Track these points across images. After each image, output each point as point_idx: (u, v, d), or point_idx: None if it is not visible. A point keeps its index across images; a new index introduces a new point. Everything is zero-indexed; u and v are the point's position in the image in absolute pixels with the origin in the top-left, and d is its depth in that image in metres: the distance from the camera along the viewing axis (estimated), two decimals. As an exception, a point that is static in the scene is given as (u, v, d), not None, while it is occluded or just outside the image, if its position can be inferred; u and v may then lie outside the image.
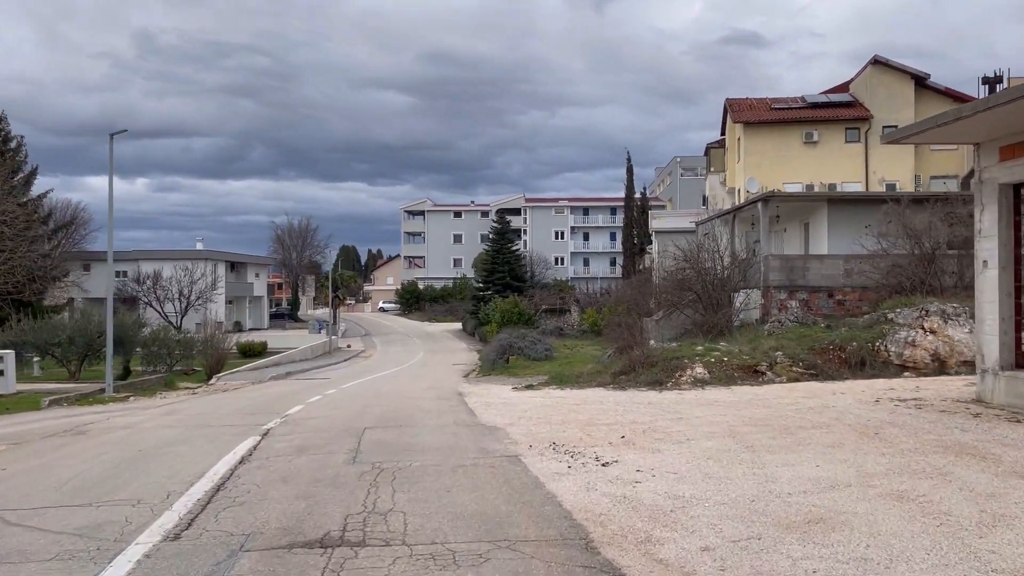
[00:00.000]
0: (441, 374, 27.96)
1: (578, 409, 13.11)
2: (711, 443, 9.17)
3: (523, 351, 25.77)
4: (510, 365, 24.86)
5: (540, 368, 23.80)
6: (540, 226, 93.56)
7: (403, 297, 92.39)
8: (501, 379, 22.46)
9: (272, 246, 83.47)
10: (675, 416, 11.65)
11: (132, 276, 60.29)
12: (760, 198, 24.24)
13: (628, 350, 20.13)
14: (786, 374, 16.77)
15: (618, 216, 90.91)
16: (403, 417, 12.61)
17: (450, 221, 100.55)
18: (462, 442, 9.64)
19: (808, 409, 11.97)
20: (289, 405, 15.41)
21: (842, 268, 22.63)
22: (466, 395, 17.21)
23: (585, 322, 37.46)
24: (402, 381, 23.82)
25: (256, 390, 21.11)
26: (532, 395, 16.73)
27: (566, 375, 20.18)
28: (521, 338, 26.72)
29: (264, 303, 75.08)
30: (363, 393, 18.27)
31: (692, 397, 14.50)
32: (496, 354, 26.15)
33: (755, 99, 44.11)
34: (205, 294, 58.75)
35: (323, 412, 13.84)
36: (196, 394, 20.49)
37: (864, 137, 39.96)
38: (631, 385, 17.06)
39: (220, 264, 65.60)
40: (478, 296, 60.62)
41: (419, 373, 29.17)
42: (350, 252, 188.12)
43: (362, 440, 9.99)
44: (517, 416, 12.42)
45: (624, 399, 14.63)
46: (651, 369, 17.52)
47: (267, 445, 9.84)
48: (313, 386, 22.19)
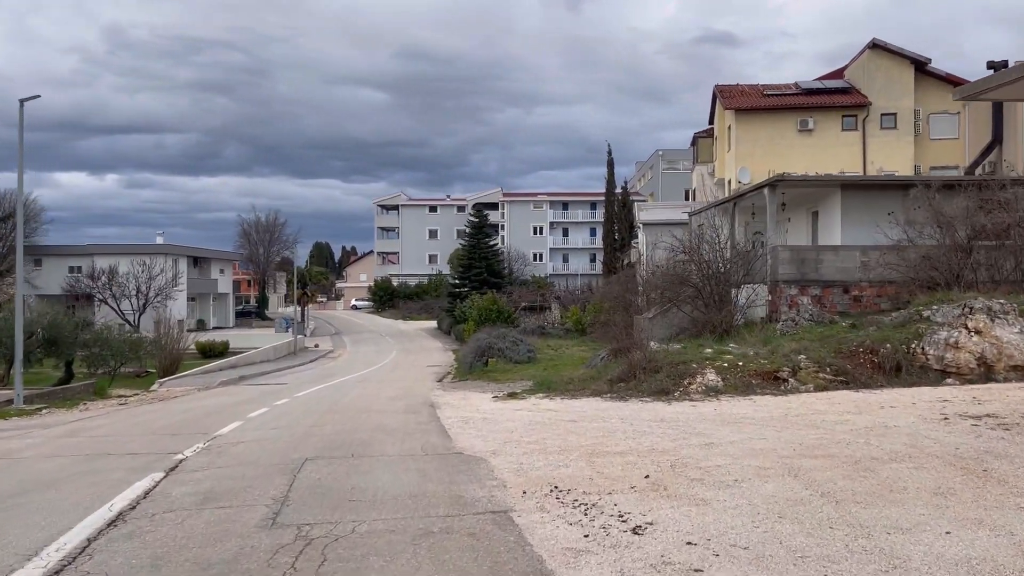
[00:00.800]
0: (413, 378, 25.37)
1: (577, 428, 10.62)
2: (770, 487, 6.72)
3: (503, 352, 23.27)
4: (489, 368, 22.34)
5: (523, 372, 21.31)
6: (518, 221, 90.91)
7: (376, 294, 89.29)
8: (480, 385, 19.93)
9: (239, 241, 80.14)
10: (702, 440, 9.20)
11: (87, 272, 56.82)
12: (767, 183, 21.92)
13: (625, 352, 17.68)
14: (812, 381, 14.40)
15: (598, 211, 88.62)
16: (358, 441, 10.05)
17: (425, 216, 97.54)
18: (430, 486, 7.10)
19: (865, 430, 9.59)
20: (225, 421, 12.77)
21: (859, 260, 20.37)
22: (440, 406, 14.66)
23: (568, 320, 35.03)
24: (368, 387, 21.20)
25: (197, 399, 18.40)
26: (517, 407, 14.22)
27: (554, 381, 17.71)
28: (501, 338, 24.21)
29: (230, 300, 71.75)
30: (318, 404, 15.64)
31: (710, 411, 12.07)
32: (474, 356, 23.62)
33: (746, 85, 41.95)
34: (165, 291, 55.49)
35: (260, 433, 11.22)
36: (126, 404, 17.75)
37: (862, 125, 37.91)
38: (632, 394, 14.62)
39: (181, 259, 62.27)
40: (454, 293, 58.00)
41: (389, 377, 26.54)
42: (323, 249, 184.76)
43: (296, 481, 7.43)
44: (502, 439, 9.91)
45: (629, 413, 12.17)
46: (655, 375, 15.09)
47: (164, 490, 7.23)
48: (265, 394, 19.50)
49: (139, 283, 54.41)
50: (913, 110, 37.57)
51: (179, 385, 23.47)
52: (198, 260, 66.53)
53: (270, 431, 11.38)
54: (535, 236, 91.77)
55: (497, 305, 34.84)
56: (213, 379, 25.01)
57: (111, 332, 29.44)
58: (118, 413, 15.41)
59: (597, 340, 30.30)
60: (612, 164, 72.46)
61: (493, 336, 24.44)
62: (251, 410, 14.72)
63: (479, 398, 16.41)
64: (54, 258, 59.63)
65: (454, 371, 27.59)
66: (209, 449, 9.75)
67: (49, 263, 59.65)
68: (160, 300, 55.00)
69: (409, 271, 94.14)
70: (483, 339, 24.13)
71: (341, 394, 18.25)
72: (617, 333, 23.07)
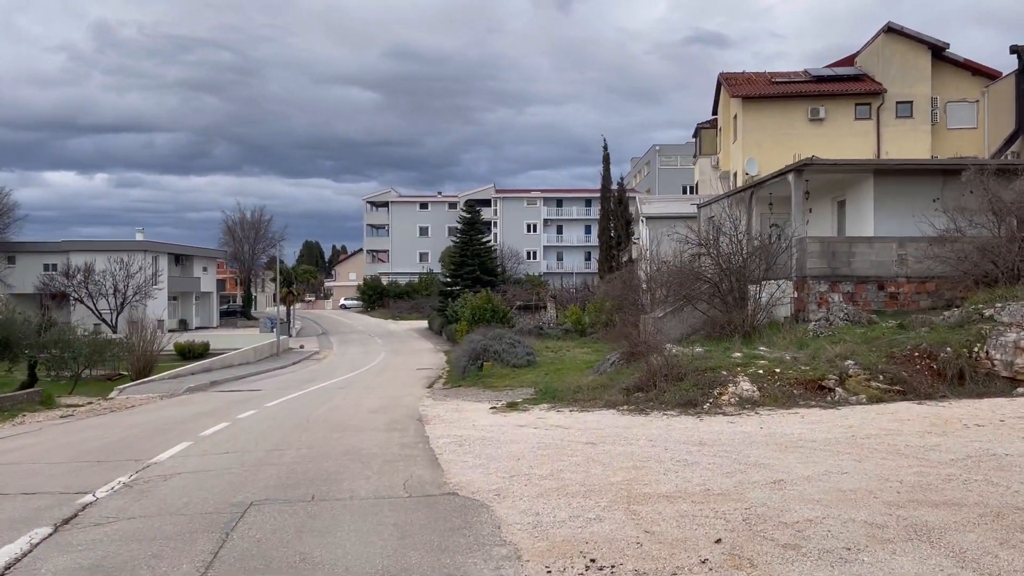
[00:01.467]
0: (401, 383, 23.23)
1: (599, 455, 8.54)
2: (905, 562, 4.64)
3: (500, 355, 21.14)
4: (485, 373, 20.22)
5: (523, 377, 19.20)
6: (511, 219, 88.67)
7: (365, 293, 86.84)
8: (475, 393, 17.80)
9: (223, 238, 77.40)
10: (767, 476, 7.13)
11: (62, 269, 54.34)
12: (793, 168, 19.87)
13: (640, 357, 15.59)
14: (864, 391, 12.35)
15: (593, 208, 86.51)
16: (324, 473, 7.94)
17: (416, 213, 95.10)
18: (413, 557, 4.99)
19: (971, 461, 7.54)
20: (171, 442, 10.61)
21: (895, 254, 18.34)
22: (429, 420, 12.56)
23: (567, 320, 32.95)
24: (350, 395, 19.06)
25: (153, 410, 16.20)
26: (520, 421, 12.13)
27: (559, 389, 15.62)
28: (497, 339, 22.07)
29: (213, 299, 69.23)
30: (288, 418, 13.49)
31: (755, 430, 10.00)
32: (468, 359, 21.48)
33: (753, 73, 39.93)
34: (143, 289, 53.06)
35: (205, 460, 9.07)
36: (71, 416, 15.53)
37: (876, 113, 35.94)
38: (654, 407, 12.55)
39: (162, 256, 59.79)
40: (446, 292, 55.76)
41: (375, 382, 24.39)
42: (313, 248, 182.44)
43: (227, 544, 5.31)
44: (507, 469, 7.83)
45: (658, 433, 10.08)
46: (678, 384, 13.01)
47: (32, 565, 5.08)
48: (232, 403, 17.31)
49: (116, 281, 51.94)
50: (930, 98, 35.64)
51: (142, 392, 21.23)
52: (180, 258, 64.03)
53: (218, 457, 9.22)
54: (529, 234, 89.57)
55: (492, 304, 32.73)
56: (181, 385, 22.78)
57: (73, 333, 27.17)
58: (53, 429, 13.22)
59: (600, 341, 28.24)
60: (608, 159, 69.97)
61: (488, 337, 22.30)
62: (208, 425, 12.55)
63: (475, 410, 14.29)
64: (28, 255, 57.07)
65: (446, 375, 25.45)
66: (132, 486, 7.60)
67: (23, 260, 57.11)
68: (138, 299, 52.57)
69: (399, 269, 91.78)
70: (477, 341, 22.00)
71: (317, 404, 16.10)
72: (626, 334, 20.99)
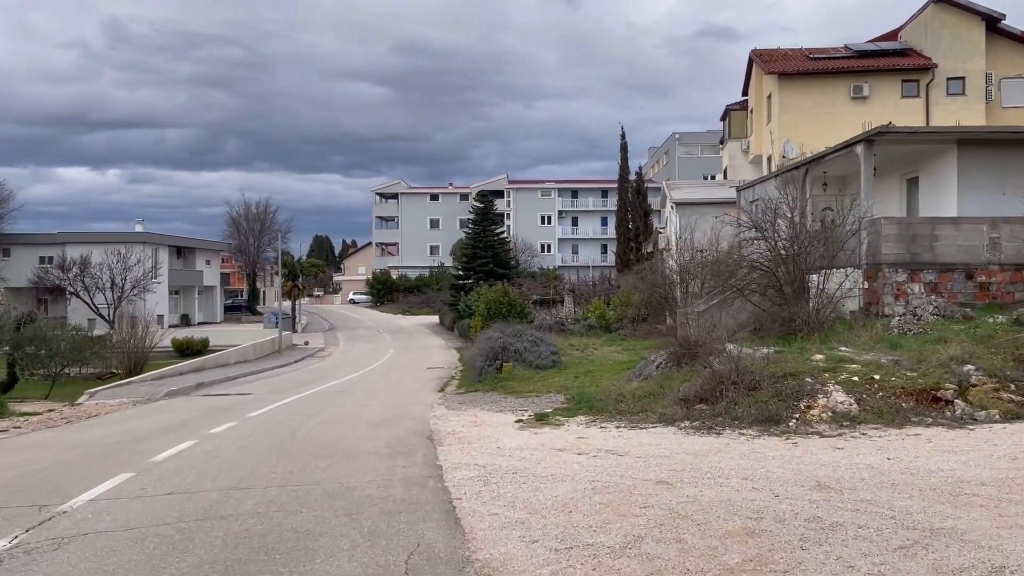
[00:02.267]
0: (409, 386, 20.75)
1: (680, 502, 6.03)
2: None
3: (521, 355, 18.57)
4: (505, 375, 17.66)
5: (549, 380, 16.65)
6: (524, 210, 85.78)
7: (374, 287, 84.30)
8: (495, 399, 15.26)
9: (227, 231, 74.88)
10: (971, 558, 4.59)
11: (57, 262, 52.12)
12: (862, 138, 17.18)
13: (693, 359, 13.01)
14: (994, 405, 9.75)
15: (610, 199, 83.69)
16: (292, 535, 5.45)
17: (426, 205, 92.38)
18: None
19: None
20: (106, 473, 8.15)
21: (986, 237, 15.70)
22: (442, 439, 10.05)
23: (590, 315, 30.36)
24: (350, 401, 16.58)
25: (115, 422, 13.66)
26: (557, 441, 9.61)
27: (596, 397, 13.09)
28: (517, 337, 19.50)
29: (217, 294, 66.82)
30: (268, 435, 10.99)
31: (880, 462, 7.45)
32: (485, 359, 18.92)
33: (788, 49, 37.17)
34: (142, 283, 50.73)
35: (130, 512, 6.58)
36: (17, 430, 13.05)
37: (925, 91, 33.13)
38: (724, 423, 10.01)
39: (162, 249, 57.37)
40: (458, 285, 53.20)
41: (380, 384, 21.91)
42: (323, 242, 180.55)
43: None
44: (560, 534, 5.35)
45: (750, 465, 7.52)
46: (752, 395, 10.42)
47: None
48: (212, 412, 14.83)
49: (113, 274, 49.63)
50: (984, 73, 32.77)
51: (115, 396, 18.74)
52: (181, 250, 61.60)
53: (154, 504, 6.72)
54: (543, 226, 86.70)
55: (508, 297, 30.15)
56: (162, 388, 20.32)
57: (51, 329, 24.83)
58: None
59: (629, 338, 25.68)
60: (625, 148, 67.18)
61: (507, 334, 19.73)
62: (168, 445, 10.06)
63: (497, 423, 11.76)
64: (24, 247, 54.83)
65: (459, 376, 22.92)
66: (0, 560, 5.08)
67: (18, 253, 54.89)
68: (136, 293, 50.26)
69: (409, 263, 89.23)
70: (496, 338, 19.43)
71: (309, 414, 13.60)
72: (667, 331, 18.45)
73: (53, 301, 54.71)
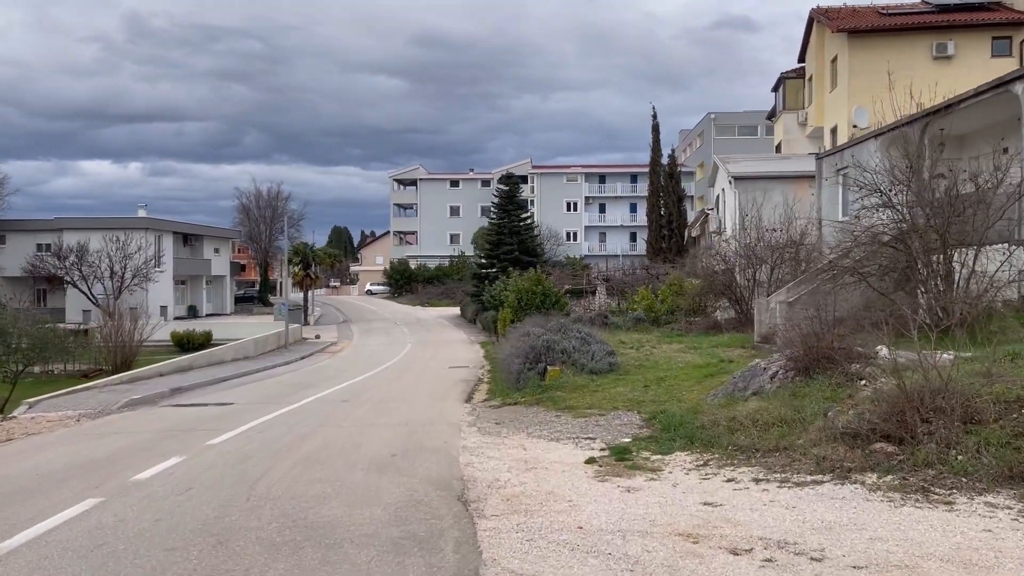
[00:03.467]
0: (428, 392, 17.05)
1: None
2: None
3: (570, 356, 14.74)
4: (551, 383, 13.85)
5: (609, 391, 12.84)
6: (549, 196, 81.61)
7: (392, 278, 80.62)
8: (543, 417, 11.47)
9: (237, 217, 71.47)
10: None
11: (56, 249, 48.92)
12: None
13: (828, 367, 9.14)
14: None
15: (640, 184, 79.53)
16: None
17: (446, 191, 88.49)
18: None
19: None
20: None
21: None
22: (484, 505, 6.30)
23: (635, 306, 26.45)
24: (353, 417, 12.90)
25: (20, 453, 9.92)
26: (671, 510, 5.80)
27: (689, 421, 9.30)
28: (562, 332, 15.68)
29: (227, 284, 63.45)
30: (219, 486, 7.28)
31: None
32: (523, 360, 15.07)
33: (854, 6, 32.95)
34: (143, 271, 47.40)
35: None
36: None
37: (1019, 49, 28.85)
38: (941, 479, 6.13)
39: (166, 235, 53.99)
40: (480, 275, 49.45)
41: (393, 389, 18.23)
42: (342, 233, 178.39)
43: None
44: None
45: None
46: (977, 430, 6.53)
47: None
48: (167, 435, 11.16)
49: (112, 262, 46.33)
50: None
51: (60, 408, 14.99)
52: (188, 237, 58.24)
53: None
54: (569, 213, 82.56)
55: (542, 286, 26.32)
56: (127, 394, 16.69)
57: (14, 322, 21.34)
58: None
59: (688, 333, 21.79)
60: (657, 129, 63.19)
61: (550, 330, 15.91)
62: (43, 511, 6.34)
63: (559, 464, 7.98)
64: (19, 234, 51.70)
65: (489, 379, 19.17)
66: None
67: (14, 240, 51.78)
68: (137, 283, 46.95)
69: (428, 252, 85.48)
70: (537, 335, 15.57)
71: (291, 442, 9.89)
72: (733, 323, 14.57)
73: (51, 291, 51.62)
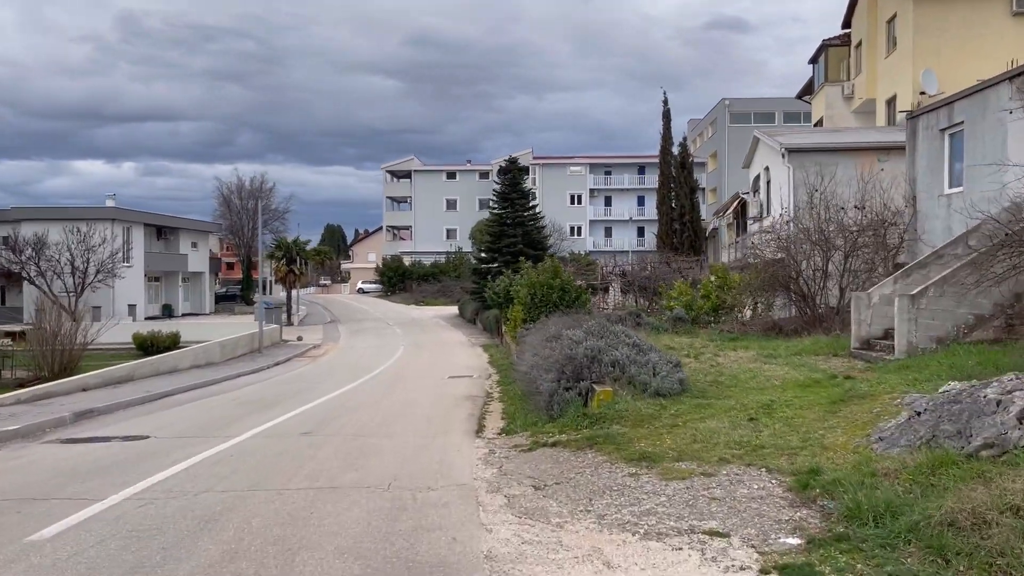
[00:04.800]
0: (425, 417, 12.68)
1: None
2: None
3: (624, 371, 10.40)
4: (602, 412, 9.47)
5: (696, 426, 8.47)
6: (552, 188, 77.11)
7: (384, 275, 76.04)
8: (610, 480, 7.10)
9: (218, 210, 66.65)
10: None
11: (11, 242, 44.31)
12: None
13: None
14: None
15: (647, 176, 75.19)
16: None
17: (442, 184, 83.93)
18: None
19: None
20: None
21: None
22: None
23: (674, 303, 22.09)
24: (313, 466, 8.59)
25: None
26: None
27: (895, 503, 4.76)
28: (611, 339, 11.29)
29: (206, 281, 58.81)
30: None
31: None
32: (556, 377, 10.62)
33: (916, -42, 28.60)
34: (107, 266, 42.85)
35: None
36: None
37: (1117, 2, 24.57)
38: None
39: (136, 227, 49.39)
40: (481, 270, 45.06)
41: (378, 412, 13.82)
42: (335, 232, 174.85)
43: None
44: None
45: None
46: None
47: None
48: (19, 504, 6.78)
49: (73, 256, 41.80)
50: None
51: None
52: (162, 230, 53.62)
53: None
54: (572, 206, 78.09)
55: (560, 279, 22.01)
56: (14, 418, 12.25)
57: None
58: None
59: (746, 335, 17.43)
60: (668, 115, 58.71)
61: (592, 333, 11.60)
62: None
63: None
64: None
65: (502, 398, 14.77)
66: None
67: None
68: (102, 279, 42.43)
69: (423, 248, 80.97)
70: (574, 340, 11.17)
71: (181, 537, 5.45)
72: (806, 322, 10.27)
73: (10, 288, 47.04)
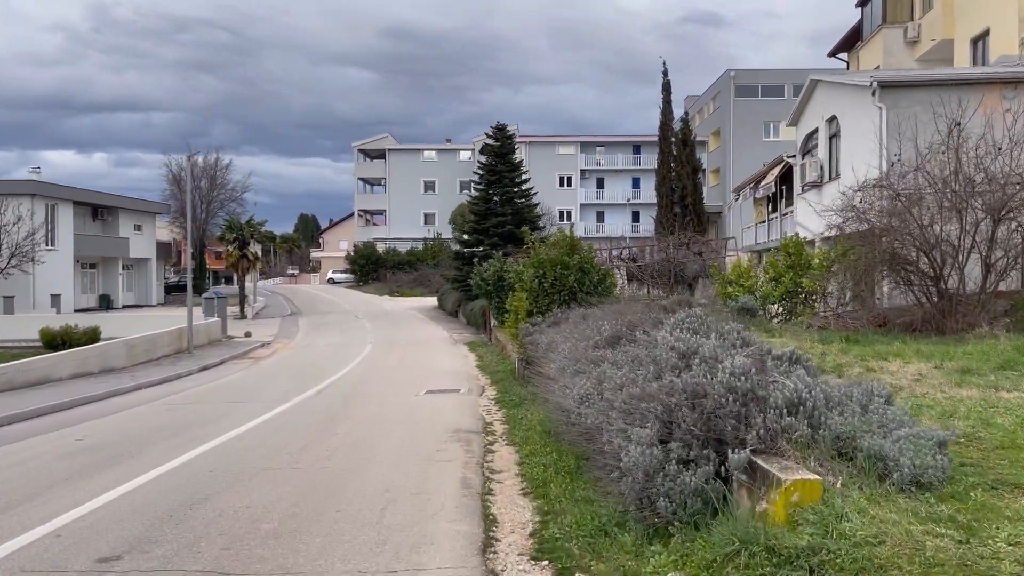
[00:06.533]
0: (383, 489, 6.95)
1: None
2: None
3: (821, 426, 4.77)
4: (798, 542, 3.71)
5: None
6: (540, 169, 70.89)
7: (356, 263, 69.62)
8: None
9: (168, 190, 59.60)
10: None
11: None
12: None
13: None
14: None
15: (644, 156, 69.47)
16: None
17: (419, 165, 77.55)
18: None
19: None
20: None
21: None
22: None
23: (738, 289, 16.38)
24: None
25: None
26: None
27: None
28: (725, 345, 5.67)
29: (152, 268, 52.09)
30: None
31: None
32: (659, 435, 4.74)
33: None
34: (23, 249, 36.32)
35: None
36: None
37: None
38: None
39: (64, 205, 42.62)
40: (464, 255, 39.19)
41: (297, 479, 8.02)
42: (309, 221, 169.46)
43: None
44: None
45: None
46: None
47: None
48: None
49: (-20, 237, 35.29)
50: None
51: None
52: (98, 210, 46.88)
53: None
54: (562, 189, 72.18)
55: (579, 256, 16.17)
56: None
57: None
58: None
59: (845, 329, 11.70)
60: (669, 87, 52.74)
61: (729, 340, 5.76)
62: None
63: None
64: None
65: (510, 439, 9.08)
66: None
67: None
68: (16, 264, 35.96)
69: (398, 234, 74.65)
70: (701, 354, 5.45)
71: None
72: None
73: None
